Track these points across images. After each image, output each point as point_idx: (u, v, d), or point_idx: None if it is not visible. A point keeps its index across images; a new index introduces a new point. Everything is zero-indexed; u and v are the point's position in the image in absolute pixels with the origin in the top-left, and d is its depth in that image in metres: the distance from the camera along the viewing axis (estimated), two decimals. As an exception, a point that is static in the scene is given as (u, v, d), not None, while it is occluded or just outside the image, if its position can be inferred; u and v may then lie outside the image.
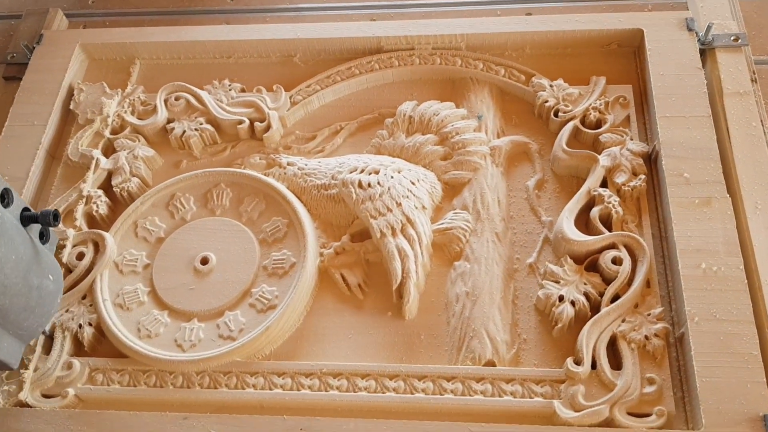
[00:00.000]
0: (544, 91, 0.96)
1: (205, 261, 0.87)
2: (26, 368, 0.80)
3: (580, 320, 0.79)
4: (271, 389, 0.78)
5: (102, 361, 0.81)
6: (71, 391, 0.79)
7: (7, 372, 0.80)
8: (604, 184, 0.87)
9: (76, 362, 0.81)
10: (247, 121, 0.98)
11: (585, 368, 0.75)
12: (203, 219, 0.91)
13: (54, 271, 0.72)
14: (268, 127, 0.97)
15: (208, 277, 0.86)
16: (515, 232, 0.88)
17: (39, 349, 0.82)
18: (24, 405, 0.78)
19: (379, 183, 0.88)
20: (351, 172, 0.90)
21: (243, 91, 1.01)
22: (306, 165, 0.94)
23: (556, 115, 0.94)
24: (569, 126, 0.92)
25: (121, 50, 1.06)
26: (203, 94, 1.00)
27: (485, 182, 0.91)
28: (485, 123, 0.96)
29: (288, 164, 0.94)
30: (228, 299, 0.84)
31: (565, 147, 0.91)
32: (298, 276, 0.84)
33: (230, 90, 1.01)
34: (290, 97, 1.00)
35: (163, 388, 0.79)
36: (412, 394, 0.76)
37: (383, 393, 0.77)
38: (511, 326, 0.81)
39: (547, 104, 0.95)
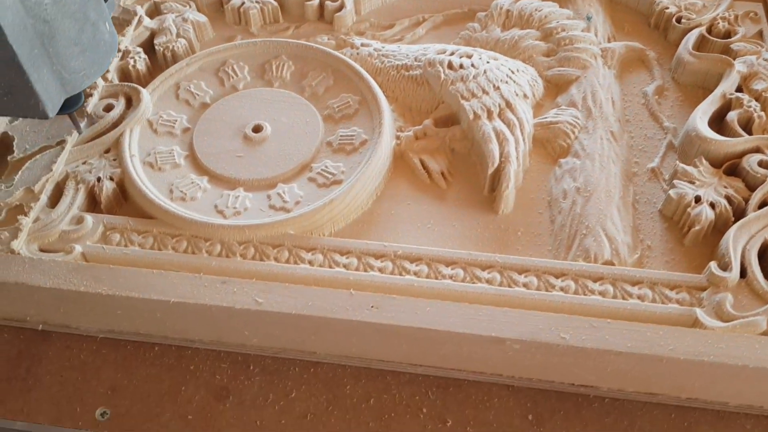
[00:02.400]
0: (664, -2, 0.85)
1: (258, 129, 0.74)
2: (25, 215, 0.65)
3: (717, 229, 0.66)
4: (331, 267, 0.64)
5: (121, 219, 0.67)
6: (78, 248, 0.64)
7: None
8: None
9: (89, 217, 0.66)
10: (316, 0, 0.87)
11: (733, 275, 0.61)
12: (258, 89, 0.79)
13: (111, 29, 0.58)
14: (340, 7, 0.86)
15: (260, 146, 0.73)
16: (632, 136, 0.76)
17: (44, 198, 0.68)
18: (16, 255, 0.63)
19: (473, 65, 0.76)
20: (438, 54, 0.78)
21: (313, -28, 0.91)
22: (383, 47, 0.82)
23: (678, 21, 0.83)
24: (695, 32, 0.82)
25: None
26: (268, -30, 0.90)
27: (596, 80, 0.79)
28: (594, 25, 0.85)
29: (362, 45, 0.83)
30: (283, 171, 0.71)
31: (692, 50, 0.80)
32: (371, 152, 0.71)
33: (299, -30, 0.91)
34: (368, -17, 0.89)
35: (196, 255, 0.64)
36: (510, 287, 0.62)
37: (474, 283, 0.62)
38: (632, 230, 0.67)
39: (668, 11, 0.85)
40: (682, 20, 0.84)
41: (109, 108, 0.75)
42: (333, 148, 0.73)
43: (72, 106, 0.61)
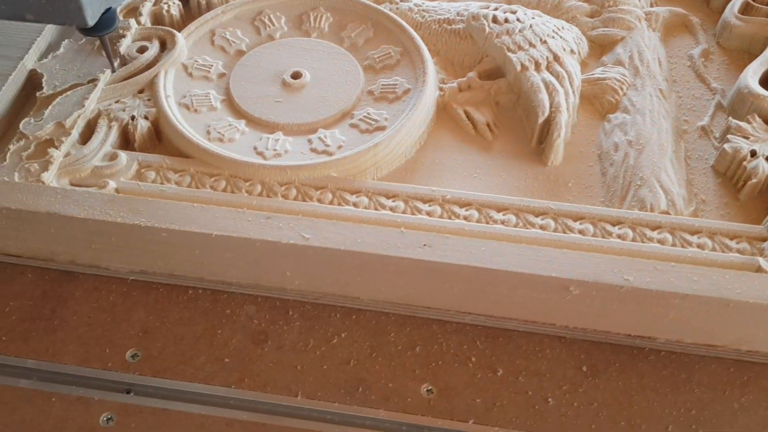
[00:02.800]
0: (708, -35, 0.84)
1: (297, 76, 0.72)
2: (55, 148, 0.62)
3: (773, 185, 0.64)
4: (377, 210, 0.61)
5: (156, 157, 0.64)
6: (112, 184, 0.61)
7: (28, 146, 0.63)
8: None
9: (123, 154, 0.64)
10: (355, -43, 0.85)
11: (796, 226, 0.59)
12: (296, 38, 0.76)
13: None
14: (380, -35, 0.84)
15: (299, 92, 0.71)
16: (680, 96, 0.74)
17: (75, 133, 0.65)
18: (48, 188, 0.60)
19: (518, 19, 0.75)
20: (482, 8, 0.76)
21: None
22: (422, 3, 0.80)
23: (722, -12, 0.82)
24: (740, -2, 0.80)
25: None
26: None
27: (642, 41, 0.77)
28: (637, -10, 0.84)
29: (401, 0, 0.81)
30: (323, 116, 0.69)
31: (738, 14, 0.78)
32: (415, 100, 0.69)
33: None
34: (405, -57, 0.88)
35: (236, 194, 0.62)
36: (564, 233, 0.60)
37: (527, 228, 0.60)
38: (686, 183, 0.65)
39: (711, -22, 0.83)
40: (726, -14, 0.82)
41: (142, 50, 0.72)
42: (374, 96, 0.71)
43: (105, 28, 0.59)
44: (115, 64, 0.69)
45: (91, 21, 0.53)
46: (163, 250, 0.59)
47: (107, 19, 0.59)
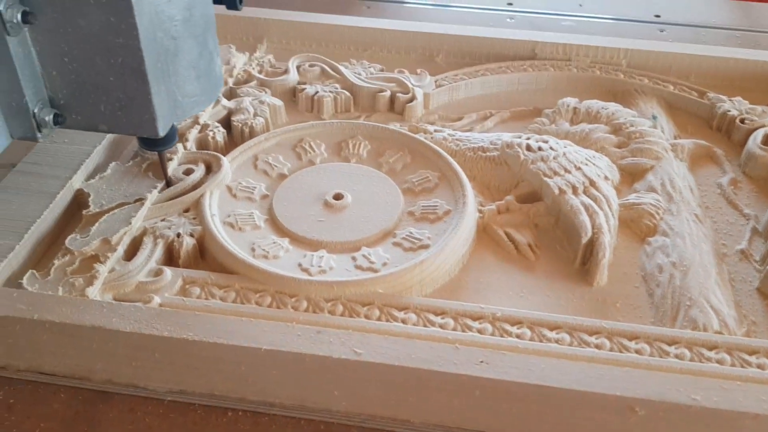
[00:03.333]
0: (725, 103, 0.89)
1: (338, 197, 0.73)
2: (100, 263, 0.62)
3: (825, 306, 0.64)
4: (426, 326, 0.60)
5: (201, 273, 0.64)
6: (156, 299, 0.60)
7: (72, 261, 0.62)
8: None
9: (168, 270, 0.63)
10: (389, 92, 0.90)
11: None
12: (336, 163, 0.79)
13: (220, 65, 0.58)
14: (411, 99, 0.89)
15: (341, 212, 0.72)
16: (714, 221, 0.75)
17: (121, 250, 0.65)
18: (92, 302, 0.59)
19: (551, 148, 0.78)
20: (515, 138, 0.79)
21: (382, 71, 0.95)
22: (455, 133, 0.84)
23: (742, 122, 0.86)
24: (761, 131, 0.84)
25: (251, 26, 1.02)
26: (340, 66, 0.94)
27: (671, 169, 0.80)
28: (660, 124, 0.88)
29: (435, 131, 0.84)
30: (366, 235, 0.69)
31: (761, 145, 0.82)
32: (457, 219, 0.70)
33: (369, 68, 0.95)
34: (435, 81, 0.93)
35: (282, 310, 0.61)
36: (621, 352, 0.58)
37: (582, 347, 0.58)
38: (734, 304, 0.65)
39: (730, 113, 0.88)
40: (746, 122, 0.86)
41: (188, 172, 0.74)
42: (415, 217, 0.72)
43: (166, 143, 0.61)
44: (158, 188, 0.71)
45: (162, 132, 0.55)
46: (206, 366, 0.57)
47: (169, 135, 0.61)
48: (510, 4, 1.26)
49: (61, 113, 0.56)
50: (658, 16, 1.26)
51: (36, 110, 0.55)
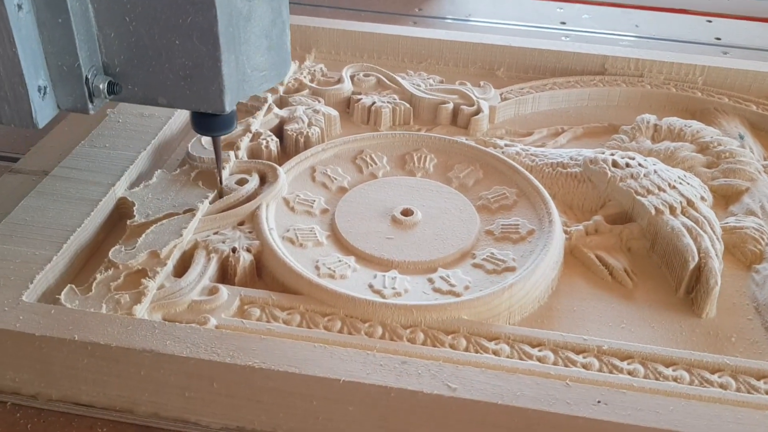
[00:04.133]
0: (815, 123, 0.82)
1: (407, 213, 0.66)
2: (149, 278, 0.55)
3: None
4: (522, 359, 0.52)
5: (261, 293, 0.57)
6: (212, 320, 0.53)
7: (117, 276, 0.55)
8: None
9: (224, 288, 0.56)
10: (452, 104, 0.83)
11: None
12: (402, 177, 0.72)
13: (289, 40, 0.52)
14: (476, 112, 0.82)
15: (411, 229, 0.65)
16: (823, 248, 0.67)
17: (170, 264, 0.57)
18: (139, 323, 0.52)
19: (640, 164, 0.70)
20: (598, 153, 0.72)
21: (442, 83, 0.88)
22: (528, 148, 0.77)
23: (838, 144, 0.79)
24: None
25: (299, 35, 0.96)
26: (397, 77, 0.88)
27: (769, 191, 0.72)
28: (748, 144, 0.81)
29: (506, 145, 0.77)
30: (441, 255, 0.62)
31: None
32: (544, 241, 0.62)
33: (428, 79, 0.89)
34: (501, 95, 0.87)
35: (354, 336, 0.53)
36: (749, 393, 0.50)
37: (704, 386, 0.50)
38: None
39: (822, 134, 0.81)
40: (843, 143, 0.79)
41: (242, 182, 0.67)
42: (495, 236, 0.65)
43: (224, 128, 0.54)
44: (209, 198, 0.64)
45: (229, 107, 0.48)
46: (271, 400, 0.49)
47: (229, 116, 0.54)
48: (563, 23, 1.21)
49: (116, 82, 0.49)
50: (718, 38, 1.20)
51: (89, 76, 0.48)
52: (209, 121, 0.56)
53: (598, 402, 0.46)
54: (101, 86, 0.49)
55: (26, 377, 0.51)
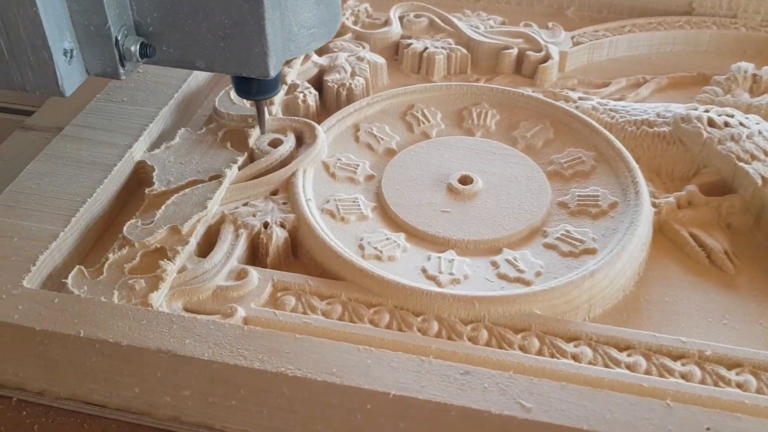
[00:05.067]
0: None
1: (466, 181, 0.57)
2: (169, 260, 0.47)
3: None
4: (608, 366, 0.43)
5: (297, 278, 0.49)
6: (240, 311, 0.45)
7: (132, 256, 0.48)
8: None
9: (253, 272, 0.48)
10: (516, 50, 0.73)
11: None
12: (458, 137, 0.62)
13: None
14: (545, 59, 0.72)
15: (471, 201, 0.56)
16: None
17: (193, 242, 0.50)
18: (156, 314, 0.45)
19: (741, 124, 0.59)
20: (690, 109, 0.61)
21: (504, 24, 0.78)
22: (607, 102, 0.66)
23: None
24: None
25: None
26: (452, 18, 0.77)
27: None
28: None
29: (580, 98, 0.67)
30: (507, 232, 0.53)
31: None
32: (631, 216, 0.53)
33: (488, 20, 0.78)
34: (572, 38, 0.75)
35: (406, 334, 0.45)
36: None
37: (838, 407, 0.41)
38: None
39: None
40: None
41: (275, 143, 0.59)
42: (570, 210, 0.55)
43: (268, 91, 0.50)
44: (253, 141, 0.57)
45: (273, 71, 0.42)
46: (307, 410, 0.41)
47: (275, 79, 0.48)
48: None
49: (149, 43, 0.43)
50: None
51: (119, 37, 0.42)
52: (251, 84, 0.50)
53: (707, 429, 0.38)
54: (133, 48, 0.43)
55: (30, 373, 0.45)
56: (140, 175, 0.57)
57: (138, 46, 0.43)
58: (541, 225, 0.54)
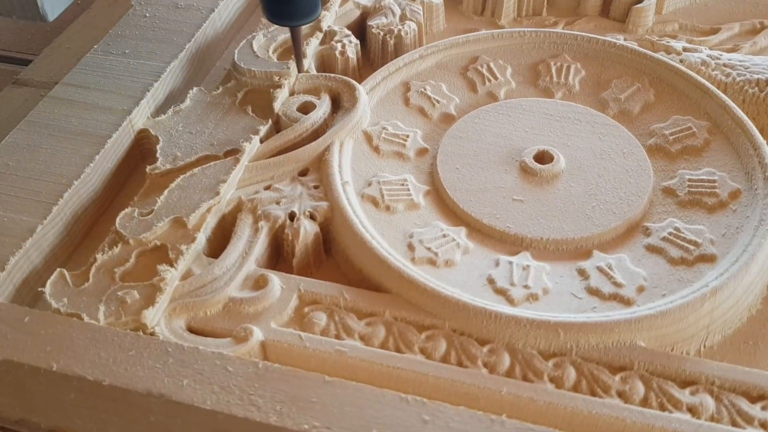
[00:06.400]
0: None
1: (544, 159, 0.46)
2: (170, 265, 0.38)
3: None
4: (736, 425, 0.33)
5: (329, 288, 0.39)
6: (257, 333, 0.36)
7: (126, 257, 0.39)
8: None
9: (275, 279, 0.38)
10: (603, -14, 0.60)
11: None
12: (532, 99, 0.51)
13: None
14: (639, -1, 0.59)
15: (550, 185, 0.44)
16: None
17: (202, 238, 0.40)
18: (146, 333, 0.36)
19: None
20: (833, 65, 0.48)
21: (588, -46, 0.64)
22: (720, 55, 0.53)
23: None
24: None
25: None
26: (524, -54, 0.64)
27: None
28: None
29: (684, 50, 0.54)
30: (597, 229, 0.42)
31: None
32: (760, 210, 0.41)
33: (568, -52, 0.64)
34: (672, -29, 0.62)
35: (468, 371, 0.35)
36: None
37: None
38: None
39: None
40: None
41: (306, 108, 0.48)
42: (679, 199, 0.44)
43: (303, 16, 0.43)
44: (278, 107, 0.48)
45: None
46: (341, 475, 0.32)
47: (309, 2, 0.42)
48: None
49: None
50: None
51: None
52: (285, 6, 0.43)
53: None
54: None
55: (4, 400, 0.37)
56: (143, 146, 0.48)
57: None
58: (641, 219, 0.43)
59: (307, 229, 0.41)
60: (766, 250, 0.39)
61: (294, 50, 0.48)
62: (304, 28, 0.52)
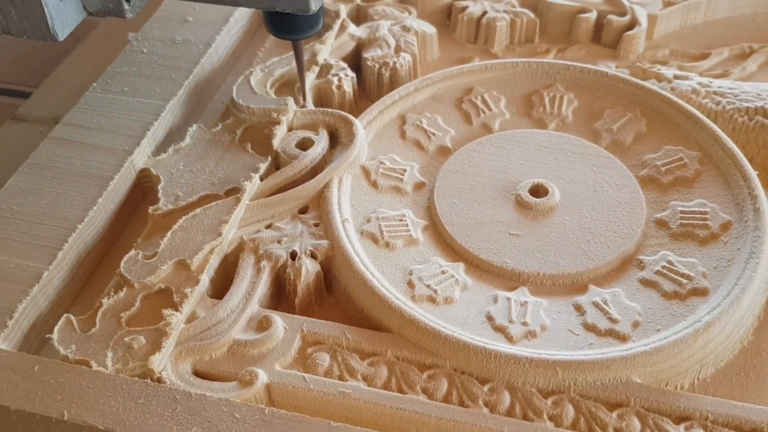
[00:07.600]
0: None
1: (539, 192, 0.47)
2: (175, 309, 0.39)
3: None
4: (735, 465, 0.34)
5: (331, 328, 0.40)
6: (262, 377, 0.37)
7: (131, 300, 0.40)
8: None
9: (279, 321, 0.40)
10: (594, 13, 0.61)
11: None
12: (526, 131, 0.52)
13: None
14: (631, 25, 0.60)
15: (545, 219, 0.46)
16: None
17: (205, 280, 0.41)
18: (153, 379, 0.37)
19: None
20: (820, 94, 0.50)
21: (579, -20, 0.65)
22: (710, 82, 0.55)
23: None
24: None
25: None
26: (519, -26, 0.65)
27: None
28: None
29: (675, 77, 0.55)
30: (592, 264, 0.43)
31: None
32: (750, 243, 0.42)
33: (559, -25, 0.65)
34: (662, -3, 0.63)
35: (469, 411, 0.36)
36: None
37: None
38: None
39: None
40: None
41: (305, 144, 0.49)
42: (671, 231, 0.45)
43: (307, 29, 0.45)
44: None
45: (315, 6, 0.41)
46: None
47: (316, 15, 0.44)
48: None
49: None
50: None
51: None
52: (287, 20, 0.44)
53: None
54: None
55: (14, 449, 0.38)
56: (144, 185, 0.49)
57: None
58: (635, 252, 0.44)
59: (309, 269, 0.42)
60: (757, 283, 0.41)
61: (296, 64, 0.49)
62: (293, 69, 0.53)
